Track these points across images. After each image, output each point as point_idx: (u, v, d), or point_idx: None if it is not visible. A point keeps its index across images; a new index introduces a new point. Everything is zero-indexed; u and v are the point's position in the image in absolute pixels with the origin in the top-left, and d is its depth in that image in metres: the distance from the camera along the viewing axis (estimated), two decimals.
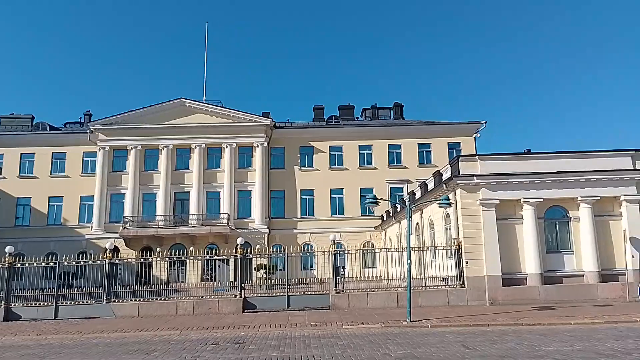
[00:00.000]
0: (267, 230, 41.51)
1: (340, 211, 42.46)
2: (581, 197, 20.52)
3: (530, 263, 20.28)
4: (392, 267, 31.71)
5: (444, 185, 21.59)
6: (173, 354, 11.25)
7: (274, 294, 20.56)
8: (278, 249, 38.32)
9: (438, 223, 24.26)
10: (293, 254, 21.61)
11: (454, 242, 20.62)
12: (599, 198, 20.50)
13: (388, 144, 43.55)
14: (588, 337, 12.43)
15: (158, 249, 35.66)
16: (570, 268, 20.67)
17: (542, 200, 20.58)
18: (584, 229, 20.55)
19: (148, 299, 19.65)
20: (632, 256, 20.17)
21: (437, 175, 24.51)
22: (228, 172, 42.45)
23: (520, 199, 20.61)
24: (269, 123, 42.89)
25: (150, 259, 22.14)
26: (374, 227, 41.18)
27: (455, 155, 25.22)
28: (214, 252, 29.26)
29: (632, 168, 20.71)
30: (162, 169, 42.47)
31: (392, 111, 49.11)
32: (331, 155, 43.48)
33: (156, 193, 42.16)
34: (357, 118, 49.54)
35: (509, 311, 17.17)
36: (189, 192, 42.27)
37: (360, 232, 41.34)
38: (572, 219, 20.96)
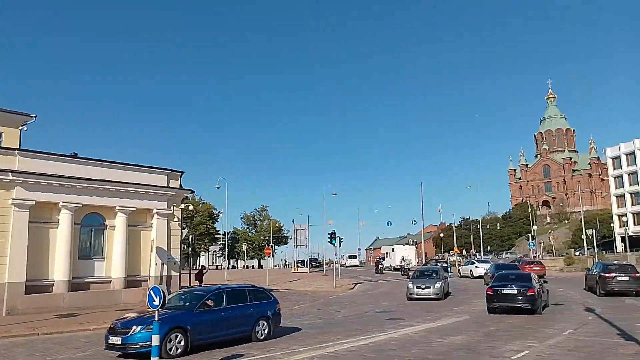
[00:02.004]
0: None
1: None
2: (119, 206, 21.57)
3: (59, 269, 19.67)
4: None
5: None
6: None
7: None
8: None
9: None
10: None
11: None
12: (135, 209, 22.06)
13: None
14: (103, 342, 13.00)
15: None
16: (100, 274, 21.28)
17: (81, 205, 20.46)
18: (118, 237, 21.60)
19: None
20: (156, 264, 22.58)
21: None
22: None
23: (59, 203, 19.83)
24: None
25: None
26: None
27: None
28: None
29: (167, 186, 23.39)
30: None
31: None
32: None
33: None
34: None
35: (29, 320, 16.17)
36: None
37: None
38: (108, 226, 21.69)
